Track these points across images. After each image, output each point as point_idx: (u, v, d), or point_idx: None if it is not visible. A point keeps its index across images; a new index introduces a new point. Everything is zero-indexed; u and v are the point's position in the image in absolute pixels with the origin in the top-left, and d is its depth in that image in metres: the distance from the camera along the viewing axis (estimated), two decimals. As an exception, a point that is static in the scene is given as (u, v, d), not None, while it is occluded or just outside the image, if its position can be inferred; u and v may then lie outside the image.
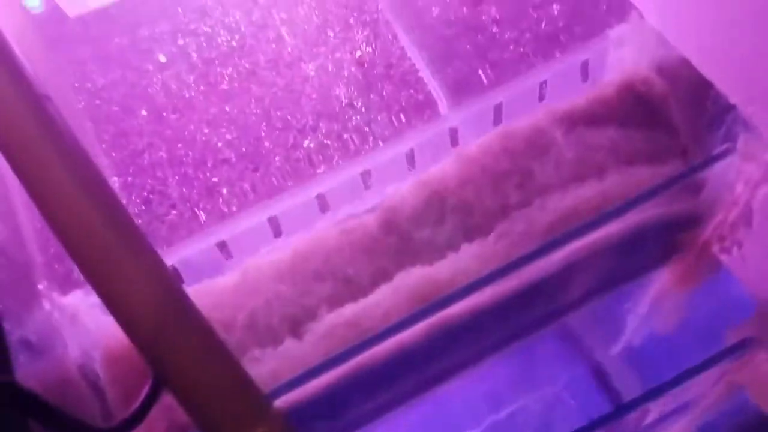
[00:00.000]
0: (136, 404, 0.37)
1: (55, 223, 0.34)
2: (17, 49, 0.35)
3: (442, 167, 0.57)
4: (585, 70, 0.59)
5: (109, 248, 0.34)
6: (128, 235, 0.35)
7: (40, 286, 0.49)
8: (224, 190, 0.88)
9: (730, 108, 0.50)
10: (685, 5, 0.51)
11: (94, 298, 0.37)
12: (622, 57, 0.58)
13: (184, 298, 0.37)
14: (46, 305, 0.49)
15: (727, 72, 0.49)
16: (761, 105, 0.48)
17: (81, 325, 0.51)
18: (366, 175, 0.59)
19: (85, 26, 0.95)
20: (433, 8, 0.92)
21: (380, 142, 0.86)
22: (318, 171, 0.82)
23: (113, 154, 0.90)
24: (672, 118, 0.55)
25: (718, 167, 0.51)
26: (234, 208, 0.86)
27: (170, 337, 0.36)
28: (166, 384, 0.37)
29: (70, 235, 0.34)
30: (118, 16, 0.95)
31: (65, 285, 0.51)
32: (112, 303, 0.35)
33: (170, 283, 0.36)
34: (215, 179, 0.89)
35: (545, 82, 0.59)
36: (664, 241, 0.57)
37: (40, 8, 0.91)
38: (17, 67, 0.34)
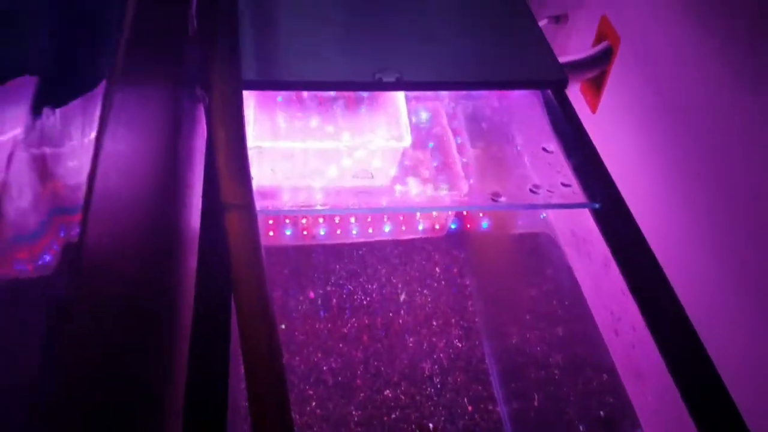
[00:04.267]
0: None
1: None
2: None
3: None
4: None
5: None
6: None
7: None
8: (313, 403, 1.13)
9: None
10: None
11: None
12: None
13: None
14: None
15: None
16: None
17: None
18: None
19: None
20: (513, 337, 1.23)
21: (441, 408, 1.12)
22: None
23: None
24: None
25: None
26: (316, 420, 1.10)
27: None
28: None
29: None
30: (293, 251, 1.29)
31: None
32: None
33: None
34: (311, 392, 1.14)
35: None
36: None
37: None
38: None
